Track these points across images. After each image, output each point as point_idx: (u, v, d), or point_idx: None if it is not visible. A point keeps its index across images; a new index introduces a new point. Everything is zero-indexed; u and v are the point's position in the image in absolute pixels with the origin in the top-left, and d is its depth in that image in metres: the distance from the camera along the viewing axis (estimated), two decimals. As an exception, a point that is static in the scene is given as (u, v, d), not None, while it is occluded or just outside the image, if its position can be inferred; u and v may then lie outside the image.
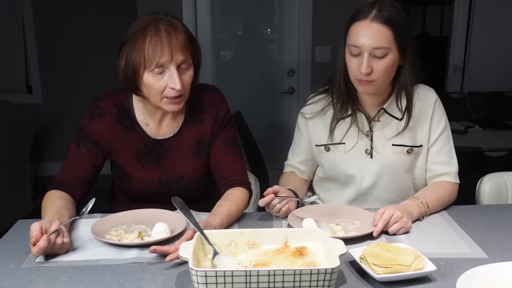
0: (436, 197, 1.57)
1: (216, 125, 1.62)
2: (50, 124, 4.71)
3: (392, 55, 1.51)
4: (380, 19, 1.49)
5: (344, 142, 1.66)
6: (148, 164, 1.59)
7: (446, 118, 1.69)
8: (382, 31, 1.49)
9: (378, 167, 1.65)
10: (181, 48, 1.44)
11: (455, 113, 3.76)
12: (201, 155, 1.62)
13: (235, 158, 1.62)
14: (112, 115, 1.57)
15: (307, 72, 4.16)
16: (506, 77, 4.58)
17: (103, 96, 1.60)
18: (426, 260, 1.17)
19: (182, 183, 1.61)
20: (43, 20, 4.50)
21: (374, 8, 1.51)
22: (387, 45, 1.49)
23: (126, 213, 1.50)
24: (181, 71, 1.46)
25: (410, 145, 1.64)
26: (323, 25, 4.05)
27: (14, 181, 3.45)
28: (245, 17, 4.28)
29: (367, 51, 1.50)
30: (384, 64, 1.51)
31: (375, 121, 1.65)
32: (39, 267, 1.22)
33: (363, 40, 1.49)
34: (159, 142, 1.60)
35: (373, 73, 1.51)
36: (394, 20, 1.50)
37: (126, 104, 1.59)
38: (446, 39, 4.76)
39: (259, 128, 3.62)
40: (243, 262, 1.15)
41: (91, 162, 1.56)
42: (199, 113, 1.62)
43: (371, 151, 1.65)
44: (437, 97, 1.67)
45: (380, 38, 1.49)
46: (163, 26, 1.43)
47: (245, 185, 1.60)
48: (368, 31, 1.50)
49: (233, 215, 1.48)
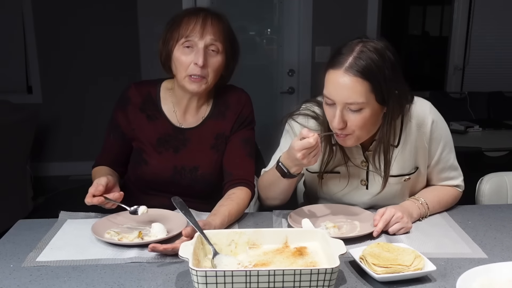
0: (438, 200, 1.56)
1: (238, 123, 1.67)
2: (50, 124, 4.70)
3: (370, 108, 1.36)
4: (354, 72, 1.32)
5: (339, 172, 1.57)
6: (166, 151, 1.64)
7: (447, 132, 1.58)
8: (356, 85, 1.32)
9: (374, 197, 1.57)
10: (214, 32, 1.53)
11: (455, 113, 3.77)
12: (217, 150, 1.66)
13: (246, 158, 1.66)
14: (136, 104, 1.64)
15: (307, 72, 4.16)
16: (506, 77, 4.58)
17: (132, 85, 1.68)
18: (426, 260, 1.17)
19: (195, 174, 1.64)
20: (43, 20, 4.50)
21: (351, 55, 1.34)
22: (362, 100, 1.33)
23: (126, 213, 1.50)
24: (209, 52, 1.54)
25: (407, 174, 1.55)
26: (323, 25, 4.05)
27: (14, 181, 3.45)
28: (245, 17, 4.28)
29: (340, 105, 1.35)
30: (360, 118, 1.36)
31: (370, 151, 1.52)
32: (39, 267, 1.22)
33: (335, 93, 1.35)
34: (181, 130, 1.65)
35: (348, 127, 1.38)
36: (371, 71, 1.32)
37: (154, 93, 1.67)
38: (446, 39, 4.77)
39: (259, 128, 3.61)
40: (243, 262, 1.15)
41: (120, 150, 1.69)
42: (223, 109, 1.67)
43: (367, 182, 1.57)
44: (433, 118, 1.52)
45: (353, 93, 1.33)
46: (204, 12, 1.55)
47: (249, 185, 1.61)
48: (340, 84, 1.34)
49: (234, 215, 1.48)
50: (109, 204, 1.41)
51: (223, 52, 1.57)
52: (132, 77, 1.44)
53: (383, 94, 1.36)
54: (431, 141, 1.54)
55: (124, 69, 4.41)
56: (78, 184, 1.61)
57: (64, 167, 4.72)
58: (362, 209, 1.56)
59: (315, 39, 4.11)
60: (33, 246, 1.33)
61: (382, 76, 1.34)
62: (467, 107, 4.15)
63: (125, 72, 4.34)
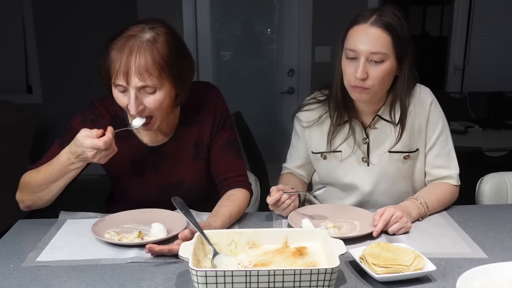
0: (437, 198, 1.57)
1: (215, 126, 1.57)
2: (50, 124, 4.70)
3: (390, 62, 1.47)
4: (379, 24, 1.46)
5: (341, 150, 1.64)
6: (145, 171, 1.56)
7: (444, 119, 1.64)
8: (381, 36, 1.45)
9: (375, 175, 1.63)
10: (142, 72, 1.31)
11: (455, 113, 3.76)
12: (200, 159, 1.58)
13: (235, 160, 1.60)
14: (106, 124, 1.41)
15: (307, 72, 4.16)
16: (506, 77, 4.58)
17: (96, 103, 1.54)
18: (426, 260, 1.17)
19: (183, 188, 1.58)
20: (43, 20, 4.50)
21: (375, 14, 1.48)
22: (385, 50, 1.45)
23: (126, 213, 1.50)
24: (144, 93, 1.35)
25: (406, 151, 1.62)
26: (323, 25, 4.05)
27: (14, 181, 3.44)
28: (245, 17, 4.28)
29: (364, 55, 1.45)
30: (380, 70, 1.47)
31: (370, 128, 1.62)
32: (39, 267, 1.22)
33: (361, 44, 1.45)
34: (155, 149, 1.55)
35: (368, 79, 1.47)
36: (394, 26, 1.46)
37: (120, 113, 1.53)
38: (446, 39, 4.76)
39: (259, 128, 3.62)
40: (243, 262, 1.15)
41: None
42: (195, 114, 1.56)
43: (368, 159, 1.63)
44: (432, 99, 1.62)
45: (378, 43, 1.45)
46: (136, 42, 1.32)
47: (246, 186, 1.59)
48: (366, 35, 1.46)
49: (234, 216, 1.47)
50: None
51: (163, 83, 1.35)
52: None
53: (401, 52, 1.48)
54: (428, 123, 1.61)
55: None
56: (78, 184, 1.59)
57: (64, 167, 4.71)
58: (362, 209, 1.56)
59: (315, 39, 4.11)
60: (33, 246, 1.33)
61: (402, 35, 1.48)
62: (467, 107, 4.14)
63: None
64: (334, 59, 1.65)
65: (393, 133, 1.60)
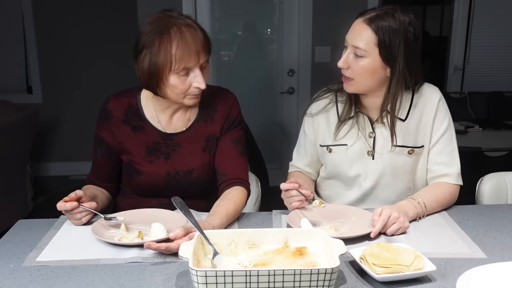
0: (435, 198, 1.57)
1: (227, 123, 1.65)
2: (50, 124, 4.71)
3: (371, 60, 1.51)
4: (370, 23, 1.50)
5: (346, 143, 1.67)
6: (157, 159, 1.62)
7: (450, 118, 1.67)
8: (366, 34, 1.50)
9: (379, 168, 1.65)
10: (203, 48, 1.49)
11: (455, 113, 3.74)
12: (209, 151, 1.65)
13: (238, 158, 1.64)
14: (119, 117, 1.60)
15: (307, 72, 4.16)
16: (506, 77, 4.58)
17: (111, 98, 1.64)
18: (426, 260, 1.17)
19: (190, 177, 1.63)
20: (43, 20, 4.50)
21: (375, 13, 1.51)
22: (365, 48, 1.50)
23: (126, 213, 1.50)
24: (202, 69, 1.51)
25: (411, 146, 1.64)
26: (323, 25, 4.04)
27: (14, 181, 3.45)
28: (245, 17, 4.28)
29: (350, 46, 1.54)
30: (359, 65, 1.52)
31: (378, 122, 1.65)
32: (39, 267, 1.22)
33: (349, 35, 1.54)
34: (170, 136, 1.63)
35: (349, 69, 1.54)
36: (385, 30, 1.48)
37: (134, 104, 1.63)
38: (446, 39, 4.77)
39: (259, 128, 3.62)
40: (243, 262, 1.15)
41: (110, 165, 1.66)
42: (211, 112, 1.66)
43: (373, 152, 1.65)
44: (440, 97, 1.65)
45: (360, 39, 1.51)
46: (185, 27, 1.46)
47: (244, 184, 1.61)
48: (355, 28, 1.53)
49: (232, 214, 1.48)
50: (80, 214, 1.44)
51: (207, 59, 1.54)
52: (132, 77, 1.43)
53: (387, 54, 1.50)
54: (435, 119, 1.64)
55: (124, 69, 4.40)
56: (78, 184, 1.61)
57: (64, 167, 4.72)
58: (362, 209, 1.56)
59: (315, 39, 4.11)
60: (33, 246, 1.33)
61: (393, 40, 1.49)
62: (467, 107, 4.15)
63: (126, 72, 4.33)
64: (334, 59, 1.66)
65: (399, 128, 1.62)
